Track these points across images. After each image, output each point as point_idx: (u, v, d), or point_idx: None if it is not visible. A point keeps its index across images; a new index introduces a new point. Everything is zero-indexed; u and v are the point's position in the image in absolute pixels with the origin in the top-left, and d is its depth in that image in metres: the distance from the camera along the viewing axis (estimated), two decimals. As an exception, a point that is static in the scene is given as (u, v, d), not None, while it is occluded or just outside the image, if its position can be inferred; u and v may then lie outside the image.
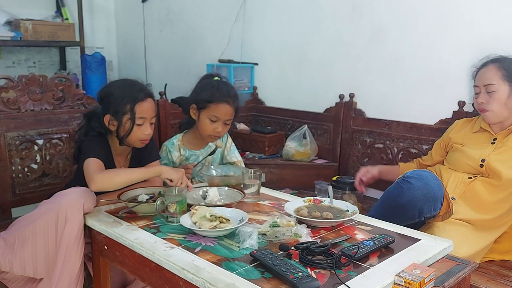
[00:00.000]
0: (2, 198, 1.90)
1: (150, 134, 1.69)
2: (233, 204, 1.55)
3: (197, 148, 2.02)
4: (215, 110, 1.89)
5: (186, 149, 2.00)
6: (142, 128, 1.66)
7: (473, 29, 2.02)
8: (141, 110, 1.65)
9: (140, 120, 1.65)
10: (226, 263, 1.14)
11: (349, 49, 2.50)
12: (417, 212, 1.56)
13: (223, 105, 1.89)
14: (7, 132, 1.91)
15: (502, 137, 1.74)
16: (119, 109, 1.63)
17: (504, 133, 1.74)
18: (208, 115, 1.89)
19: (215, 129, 1.90)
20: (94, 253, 1.51)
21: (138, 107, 1.64)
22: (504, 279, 1.56)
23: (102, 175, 1.53)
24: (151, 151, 1.81)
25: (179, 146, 1.99)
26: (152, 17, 3.77)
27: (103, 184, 1.52)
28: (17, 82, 1.94)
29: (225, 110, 1.90)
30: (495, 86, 1.69)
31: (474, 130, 1.83)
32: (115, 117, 1.64)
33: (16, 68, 3.60)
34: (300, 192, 2.37)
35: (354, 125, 2.47)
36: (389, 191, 1.65)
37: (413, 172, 1.61)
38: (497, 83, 1.69)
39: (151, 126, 1.69)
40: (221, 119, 1.90)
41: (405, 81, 2.28)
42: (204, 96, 1.90)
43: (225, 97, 1.89)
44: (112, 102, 1.65)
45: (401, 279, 1.03)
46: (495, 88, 1.69)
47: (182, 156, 1.99)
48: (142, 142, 1.70)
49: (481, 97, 1.72)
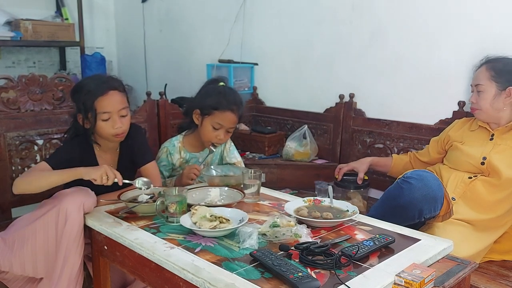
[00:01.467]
0: (2, 198, 1.90)
1: (121, 127, 1.63)
2: (233, 204, 1.55)
3: (197, 150, 2.01)
4: (219, 117, 1.87)
5: (186, 151, 1.99)
6: (110, 123, 1.62)
7: (473, 29, 2.01)
8: (103, 105, 1.60)
9: (104, 115, 1.60)
10: (226, 263, 1.14)
11: (349, 49, 2.50)
12: (417, 213, 1.56)
13: (228, 113, 1.87)
14: (7, 132, 1.91)
15: (499, 133, 1.75)
16: (82, 106, 1.61)
17: (501, 130, 1.75)
18: (212, 122, 1.88)
19: (217, 136, 1.89)
20: (94, 253, 1.51)
21: (99, 102, 1.59)
22: (504, 279, 1.56)
23: (21, 178, 1.54)
24: (144, 152, 1.79)
25: (179, 148, 1.98)
26: (152, 17, 3.77)
27: (21, 187, 1.52)
28: (17, 82, 1.94)
29: (229, 118, 1.88)
30: (483, 86, 1.75)
31: (472, 129, 1.84)
32: (83, 115, 1.63)
33: (16, 68, 3.59)
34: (300, 192, 2.36)
35: (354, 125, 2.47)
36: (389, 191, 1.65)
37: (413, 172, 1.61)
38: (485, 83, 1.74)
39: (121, 119, 1.63)
40: (224, 126, 1.89)
41: (405, 81, 2.28)
42: (210, 103, 1.88)
43: (231, 105, 1.87)
44: (77, 99, 1.63)
45: (401, 279, 1.03)
46: (483, 88, 1.75)
47: (182, 158, 1.99)
48: (117, 137, 1.65)
49: (472, 97, 1.80)
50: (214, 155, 2.02)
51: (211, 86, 1.98)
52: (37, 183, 1.51)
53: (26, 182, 1.52)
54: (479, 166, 1.72)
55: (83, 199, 1.45)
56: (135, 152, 1.76)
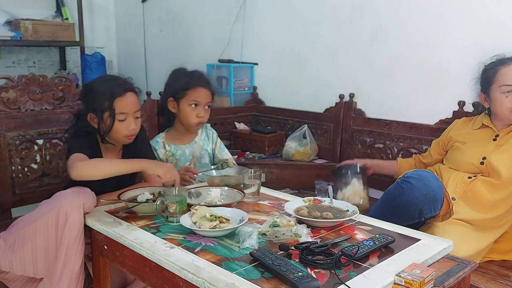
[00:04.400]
0: (2, 198, 1.90)
1: (135, 129, 1.67)
2: (233, 204, 1.55)
3: (182, 143, 2.04)
4: (193, 95, 1.93)
5: (171, 144, 2.02)
6: (125, 124, 1.64)
7: (473, 29, 2.01)
8: (121, 106, 1.63)
9: (121, 116, 1.63)
10: (226, 263, 1.14)
11: (349, 49, 2.50)
12: (417, 212, 1.56)
13: (200, 89, 1.94)
14: (7, 132, 1.91)
15: (504, 134, 1.74)
16: (98, 106, 1.62)
17: (506, 131, 1.74)
18: (188, 102, 1.93)
19: (197, 114, 1.94)
20: (94, 253, 1.51)
21: (117, 102, 1.62)
22: (504, 279, 1.56)
23: (84, 164, 1.52)
24: (146, 152, 1.80)
25: (163, 143, 2.01)
26: (152, 17, 3.77)
27: (84, 171, 1.50)
28: (17, 82, 1.94)
29: (203, 93, 1.94)
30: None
31: (475, 127, 1.83)
32: (96, 115, 1.63)
33: (16, 68, 3.59)
34: (300, 192, 2.36)
35: (354, 125, 2.47)
36: (390, 191, 1.65)
37: (413, 172, 1.61)
38: None
39: (136, 121, 1.67)
40: (201, 103, 1.94)
41: (405, 81, 2.28)
42: (180, 85, 1.94)
43: (200, 81, 1.95)
44: (91, 99, 1.64)
45: (401, 279, 1.03)
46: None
47: (168, 152, 2.01)
48: (128, 138, 1.68)
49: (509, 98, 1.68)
50: (203, 151, 2.04)
51: (175, 73, 2.03)
52: (105, 169, 1.52)
53: (92, 167, 1.51)
54: (479, 166, 1.72)
55: (83, 199, 1.45)
56: (137, 151, 1.77)
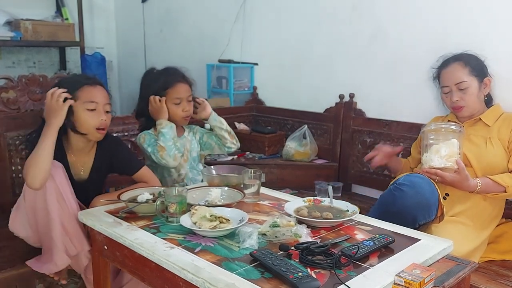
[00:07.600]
0: (2, 198, 1.90)
1: (105, 120, 1.64)
2: (233, 204, 1.55)
3: None
4: (175, 93, 1.95)
5: None
6: (96, 114, 1.62)
7: (473, 30, 2.01)
8: (91, 95, 1.61)
9: (91, 105, 1.61)
10: (226, 263, 1.14)
11: (349, 49, 2.50)
12: (411, 220, 1.55)
13: (179, 84, 1.96)
14: (7, 132, 1.91)
15: (468, 125, 1.78)
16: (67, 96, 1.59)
17: (470, 122, 1.79)
18: (171, 101, 1.94)
19: (183, 109, 1.97)
20: (94, 253, 1.51)
21: (86, 90, 1.61)
22: (504, 279, 1.56)
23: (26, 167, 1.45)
24: (131, 161, 1.80)
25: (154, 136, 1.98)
26: (152, 17, 3.77)
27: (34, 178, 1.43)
28: (17, 82, 1.94)
29: (182, 88, 1.97)
30: (467, 82, 1.75)
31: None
32: None
33: (16, 68, 3.60)
34: (300, 192, 2.36)
35: (354, 125, 2.47)
36: (383, 197, 1.65)
37: (406, 178, 1.60)
38: (467, 79, 1.75)
39: (106, 115, 1.65)
40: (183, 98, 1.96)
41: (405, 81, 2.28)
42: (159, 85, 1.94)
43: (177, 77, 1.98)
44: None
45: (401, 279, 1.03)
46: (467, 85, 1.75)
47: None
48: (99, 132, 1.65)
49: (455, 95, 1.77)
50: (192, 145, 2.06)
51: (150, 74, 2.03)
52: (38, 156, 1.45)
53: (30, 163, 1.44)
54: None
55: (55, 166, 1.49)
56: (121, 163, 1.78)
